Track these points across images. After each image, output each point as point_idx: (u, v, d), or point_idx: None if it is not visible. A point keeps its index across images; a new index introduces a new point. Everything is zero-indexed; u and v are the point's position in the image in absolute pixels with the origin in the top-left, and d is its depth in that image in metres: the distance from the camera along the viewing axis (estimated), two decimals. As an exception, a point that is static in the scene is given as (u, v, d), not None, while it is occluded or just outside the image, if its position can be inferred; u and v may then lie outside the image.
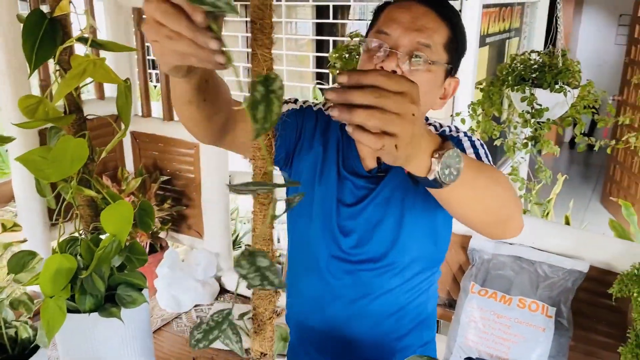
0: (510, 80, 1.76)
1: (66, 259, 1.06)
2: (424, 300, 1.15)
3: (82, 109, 1.08)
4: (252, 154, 0.75)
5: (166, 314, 2.13)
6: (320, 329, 1.15)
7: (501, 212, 0.86)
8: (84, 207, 1.13)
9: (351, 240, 1.09)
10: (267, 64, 0.71)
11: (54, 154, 1.00)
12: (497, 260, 1.73)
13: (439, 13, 0.98)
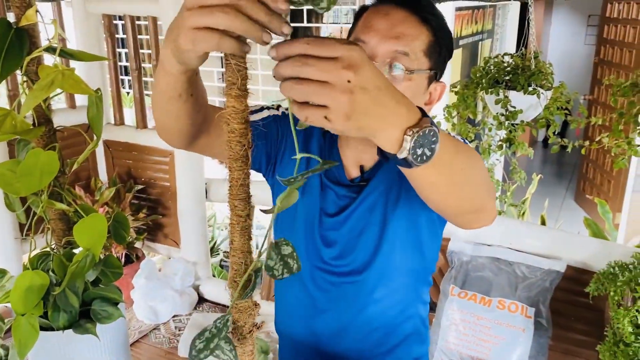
0: (484, 82, 1.77)
1: (38, 275, 1.02)
2: (412, 313, 1.11)
3: (51, 120, 1.05)
4: (229, 165, 0.73)
5: (144, 325, 2.09)
6: (307, 342, 1.12)
7: (475, 199, 0.80)
8: (56, 221, 1.10)
9: (333, 251, 1.06)
10: (241, 74, 0.69)
11: (22, 168, 0.97)
12: (476, 262, 1.74)
13: (419, 17, 0.94)
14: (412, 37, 0.93)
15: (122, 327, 1.19)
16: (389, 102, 0.59)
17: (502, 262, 1.71)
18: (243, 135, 0.72)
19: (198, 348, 0.72)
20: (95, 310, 1.10)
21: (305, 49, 0.56)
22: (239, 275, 0.79)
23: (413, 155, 0.62)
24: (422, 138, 0.62)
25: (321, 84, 0.55)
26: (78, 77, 1.00)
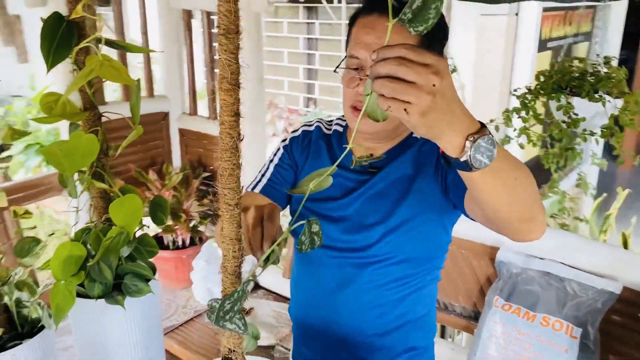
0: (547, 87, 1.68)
1: (76, 247, 1.12)
2: (411, 301, 1.15)
3: (96, 106, 1.14)
4: (220, 155, 0.77)
5: (199, 305, 2.20)
6: (309, 320, 1.21)
7: (527, 210, 0.83)
8: (97, 199, 1.20)
9: (338, 227, 1.13)
10: (231, 68, 0.73)
11: (66, 148, 1.06)
12: (526, 274, 1.66)
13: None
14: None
15: (154, 302, 1.27)
16: (457, 110, 0.68)
17: (552, 277, 1.62)
18: (233, 128, 0.75)
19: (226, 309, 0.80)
20: (127, 284, 1.18)
21: (404, 53, 0.64)
22: (228, 261, 0.83)
23: (473, 159, 0.69)
24: (482, 145, 0.69)
25: (410, 84, 0.63)
26: (120, 67, 1.08)
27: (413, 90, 0.63)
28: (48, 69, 1.05)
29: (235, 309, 0.81)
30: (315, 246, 0.81)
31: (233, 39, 0.72)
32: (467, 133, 0.69)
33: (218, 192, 0.79)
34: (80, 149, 1.07)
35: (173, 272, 2.31)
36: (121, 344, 1.21)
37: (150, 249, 1.24)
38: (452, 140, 0.69)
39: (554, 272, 1.63)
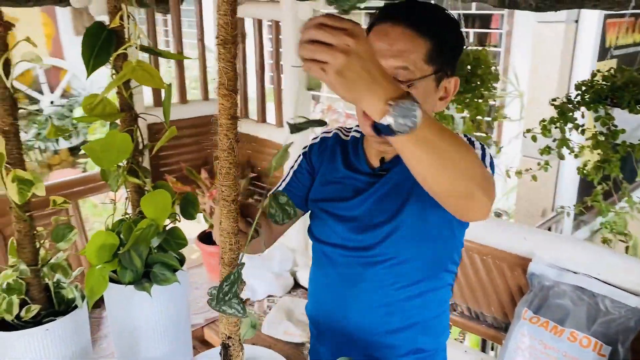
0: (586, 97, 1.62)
1: (110, 236, 1.23)
2: (419, 303, 1.16)
3: (133, 107, 1.24)
4: (218, 154, 0.84)
5: (241, 300, 2.29)
6: (321, 317, 1.25)
7: (461, 185, 0.84)
8: (132, 193, 1.30)
9: (348, 226, 1.16)
10: (228, 75, 0.79)
11: (103, 145, 1.16)
12: (559, 288, 1.63)
13: (415, 29, 1.02)
14: (409, 51, 1.02)
15: (181, 292, 1.35)
16: (376, 73, 0.72)
17: (585, 292, 1.58)
18: (230, 130, 0.82)
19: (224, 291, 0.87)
20: (155, 273, 1.28)
21: (323, 20, 0.71)
22: (225, 253, 0.89)
23: (395, 123, 0.73)
24: (403, 109, 0.72)
25: (327, 45, 0.69)
26: (154, 72, 1.17)
27: (328, 49, 0.69)
28: (88, 73, 1.16)
29: (232, 291, 0.87)
30: (291, 216, 0.88)
31: (230, 49, 0.78)
32: (389, 97, 0.73)
33: (217, 190, 0.85)
34: (115, 146, 1.17)
35: (217, 266, 2.42)
36: (149, 329, 1.30)
37: (179, 241, 1.34)
38: (373, 103, 0.73)
39: (587, 287, 1.59)
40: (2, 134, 1.04)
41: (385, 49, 1.03)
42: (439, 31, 1.05)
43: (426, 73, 1.03)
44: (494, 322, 1.82)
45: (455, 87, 1.12)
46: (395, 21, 1.05)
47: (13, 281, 1.14)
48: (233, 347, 0.93)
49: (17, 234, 1.11)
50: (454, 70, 1.11)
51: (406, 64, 1.01)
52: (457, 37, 1.09)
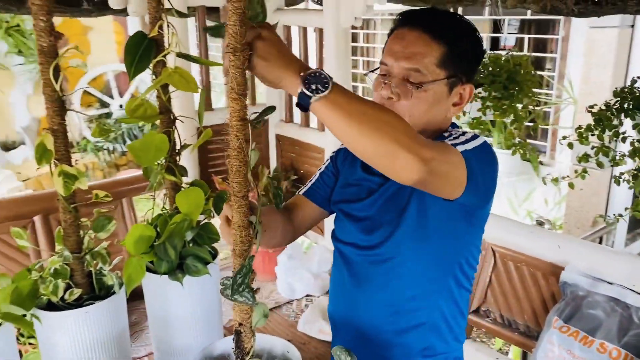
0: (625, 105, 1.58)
1: (147, 229, 1.32)
2: (428, 304, 1.18)
3: (171, 110, 1.34)
4: (229, 154, 0.91)
5: (280, 298, 2.37)
6: (337, 315, 1.30)
7: (381, 144, 0.88)
8: (170, 190, 1.39)
9: (359, 226, 1.22)
10: (237, 81, 0.86)
11: (142, 145, 1.27)
12: (592, 298, 1.60)
13: (431, 34, 1.07)
14: (423, 54, 1.07)
15: (212, 284, 1.44)
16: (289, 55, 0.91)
17: (619, 303, 1.55)
18: (239, 131, 0.89)
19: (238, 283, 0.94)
20: (188, 265, 1.36)
21: None
22: (237, 245, 0.96)
23: (308, 89, 0.86)
24: (314, 77, 0.87)
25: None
26: (189, 77, 1.25)
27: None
28: (130, 78, 1.26)
29: (245, 282, 0.94)
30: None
31: (239, 56, 0.85)
32: (302, 71, 0.88)
33: (229, 186, 0.92)
34: (153, 146, 1.26)
35: (261, 265, 2.51)
36: (182, 317, 1.39)
37: (212, 236, 1.42)
38: (290, 79, 0.88)
39: (621, 298, 1.55)
40: (51, 132, 1.15)
41: (399, 51, 1.10)
42: (454, 37, 1.09)
43: (438, 77, 1.07)
44: (527, 330, 1.81)
45: (470, 95, 1.15)
46: (412, 26, 1.11)
47: (60, 266, 1.25)
48: (244, 333, 0.99)
49: (63, 224, 1.22)
50: (470, 77, 1.14)
51: (418, 67, 1.06)
52: (473, 44, 1.12)
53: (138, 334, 2.09)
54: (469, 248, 1.19)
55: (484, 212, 1.19)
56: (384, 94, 1.11)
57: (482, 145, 1.08)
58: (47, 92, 1.13)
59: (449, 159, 0.99)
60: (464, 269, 1.20)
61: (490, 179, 1.12)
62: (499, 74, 1.89)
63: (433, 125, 1.16)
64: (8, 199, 2.25)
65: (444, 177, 0.98)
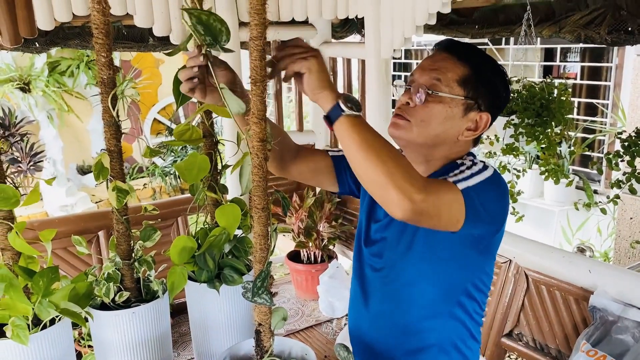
0: (653, 131, 1.59)
1: (190, 240, 1.46)
2: (438, 326, 1.22)
3: (213, 134, 1.49)
4: (252, 170, 1.03)
5: (321, 316, 2.46)
6: (352, 331, 1.36)
7: (380, 174, 0.97)
8: (210, 206, 1.54)
9: (375, 247, 1.29)
10: (257, 107, 0.99)
11: (186, 164, 1.42)
12: (622, 323, 1.61)
13: (457, 56, 1.16)
14: (446, 69, 1.16)
15: (247, 293, 1.56)
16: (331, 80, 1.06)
17: (649, 329, 1.54)
18: (260, 150, 1.02)
19: (258, 286, 1.05)
20: (225, 275, 1.50)
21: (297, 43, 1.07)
22: (257, 252, 1.08)
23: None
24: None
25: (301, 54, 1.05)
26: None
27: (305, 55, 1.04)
28: (177, 106, 1.42)
29: (264, 285, 1.05)
30: None
31: (259, 86, 0.98)
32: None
33: (250, 199, 1.04)
34: (196, 165, 1.42)
35: (304, 284, 2.62)
36: (218, 323, 1.51)
37: (247, 249, 1.55)
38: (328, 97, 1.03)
39: (651, 324, 1.55)
40: (108, 152, 1.32)
41: (426, 65, 1.19)
42: (478, 62, 1.17)
43: (456, 93, 1.15)
44: (558, 354, 1.81)
45: (486, 125, 1.19)
46: (443, 49, 1.21)
47: (112, 272, 1.42)
48: (264, 333, 1.10)
49: (116, 233, 1.39)
50: (487, 107, 1.18)
51: (440, 77, 1.15)
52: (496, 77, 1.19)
53: (187, 343, 2.24)
54: (478, 274, 1.22)
55: (494, 240, 1.21)
56: (402, 99, 1.19)
57: (488, 179, 1.11)
58: (105, 118, 1.30)
59: (442, 200, 1.03)
60: (473, 294, 1.23)
61: (495, 210, 1.14)
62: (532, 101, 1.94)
63: (444, 143, 1.20)
64: (76, 215, 2.50)
65: (435, 217, 1.03)
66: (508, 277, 1.96)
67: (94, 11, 1.23)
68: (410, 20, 2.04)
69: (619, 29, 1.79)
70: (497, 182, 1.14)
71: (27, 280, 1.29)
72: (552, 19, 2.04)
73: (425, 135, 1.18)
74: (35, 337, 1.25)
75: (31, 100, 6.68)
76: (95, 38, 1.25)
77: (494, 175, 1.14)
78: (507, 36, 2.19)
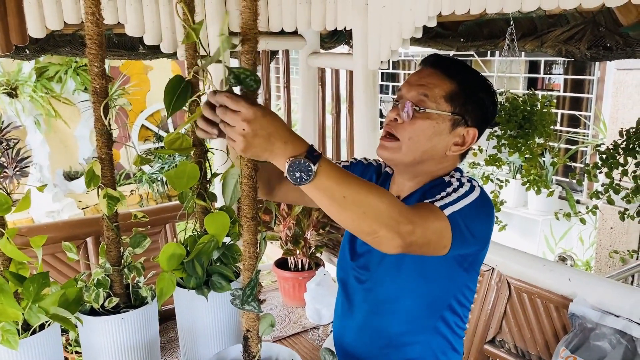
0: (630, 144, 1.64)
1: (178, 247, 1.49)
2: (420, 340, 1.25)
3: (204, 143, 1.52)
4: (242, 180, 1.06)
5: (308, 323, 2.48)
6: (336, 340, 1.38)
7: (361, 224, 0.96)
8: (200, 213, 1.57)
9: (361, 260, 1.30)
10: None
11: (176, 173, 1.44)
12: (600, 330, 1.65)
13: (443, 71, 1.18)
14: (433, 85, 1.17)
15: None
16: (277, 142, 0.92)
17: (625, 336, 1.59)
18: (250, 161, 1.04)
19: (246, 295, 1.08)
20: (213, 281, 1.52)
21: (223, 101, 0.92)
22: (246, 260, 1.11)
23: (292, 177, 0.92)
24: (297, 165, 0.91)
25: (230, 126, 0.92)
26: (219, 115, 1.44)
27: (230, 130, 0.91)
28: (168, 115, 1.45)
29: (253, 293, 1.08)
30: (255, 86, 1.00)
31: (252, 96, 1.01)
32: (288, 156, 0.92)
33: (240, 209, 1.08)
34: (186, 174, 1.44)
35: (291, 291, 2.64)
36: (206, 328, 1.54)
37: (235, 257, 1.57)
38: (278, 162, 0.93)
39: (627, 331, 1.60)
40: (100, 160, 1.34)
41: (414, 81, 1.21)
42: (465, 78, 1.19)
43: (444, 109, 1.17)
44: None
45: (473, 140, 1.21)
46: (429, 65, 1.23)
47: (102, 278, 1.43)
48: (251, 339, 1.13)
49: (106, 240, 1.41)
50: (474, 122, 1.21)
51: (427, 92, 1.16)
52: (483, 92, 1.21)
53: (174, 350, 2.25)
54: (461, 289, 1.24)
55: (478, 258, 1.23)
56: (390, 116, 1.20)
57: (474, 202, 1.13)
58: (97, 126, 1.32)
59: (430, 230, 1.04)
60: (455, 309, 1.25)
61: (480, 232, 1.15)
62: (515, 113, 1.99)
63: (432, 159, 1.21)
64: (64, 222, 2.50)
65: (425, 245, 1.05)
66: (491, 285, 2.00)
67: (88, 22, 1.25)
68: (397, 33, 2.09)
69: (598, 44, 1.86)
70: (483, 203, 1.16)
71: (17, 285, 1.31)
72: (534, 34, 2.10)
73: (413, 152, 1.19)
74: (24, 342, 1.27)
75: (18, 106, 6.64)
76: (88, 48, 1.28)
77: (480, 197, 1.15)
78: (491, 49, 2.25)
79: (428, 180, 1.26)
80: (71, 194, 7.06)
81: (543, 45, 2.00)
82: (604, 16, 1.94)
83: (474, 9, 1.77)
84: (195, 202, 1.53)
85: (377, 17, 2.17)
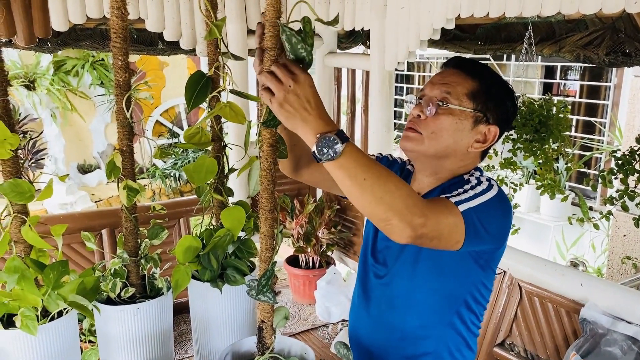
0: (646, 150, 1.64)
1: (195, 240, 1.51)
2: (435, 334, 1.26)
3: (222, 138, 1.54)
4: (261, 174, 1.08)
5: (318, 321, 2.50)
6: (352, 334, 1.40)
7: (377, 209, 0.98)
8: (216, 207, 1.59)
9: (379, 254, 1.32)
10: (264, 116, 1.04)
11: (194, 167, 1.46)
12: (611, 336, 1.65)
13: (465, 71, 1.20)
14: (456, 83, 1.20)
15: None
16: (313, 112, 0.98)
17: (637, 342, 1.59)
18: (269, 154, 1.07)
19: (262, 284, 1.10)
20: (227, 275, 1.54)
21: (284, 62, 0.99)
22: (263, 252, 1.13)
23: (319, 152, 0.95)
24: (326, 142, 0.94)
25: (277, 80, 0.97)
26: (238, 110, 1.45)
27: (275, 83, 0.95)
28: (189, 110, 1.48)
29: (268, 284, 1.10)
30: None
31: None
32: (318, 131, 0.96)
33: (259, 201, 1.09)
34: (204, 168, 1.46)
35: (301, 288, 2.66)
36: (220, 321, 1.56)
37: (250, 251, 1.59)
38: (305, 134, 0.97)
39: (639, 338, 1.60)
40: (121, 152, 1.37)
41: (437, 80, 1.23)
42: (486, 77, 1.22)
43: (466, 106, 1.19)
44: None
45: (494, 137, 1.22)
46: (452, 65, 1.25)
47: (119, 268, 1.46)
48: (266, 330, 1.14)
49: (124, 231, 1.43)
50: (496, 120, 1.22)
51: (450, 90, 1.19)
52: (504, 91, 1.23)
53: (184, 342, 2.28)
54: (477, 287, 1.25)
55: (494, 256, 1.24)
56: (414, 112, 1.22)
57: (491, 199, 1.14)
58: (119, 119, 1.35)
59: (442, 224, 1.05)
60: (471, 306, 1.26)
61: (496, 230, 1.16)
62: (531, 117, 1.99)
63: (454, 155, 1.23)
64: (80, 213, 2.54)
65: (436, 238, 1.05)
66: (502, 288, 2.01)
67: (113, 16, 1.28)
68: (414, 35, 2.10)
69: (617, 50, 1.85)
70: (500, 202, 1.17)
71: (37, 272, 1.33)
72: (552, 38, 2.10)
73: (436, 146, 1.21)
74: (43, 328, 1.29)
75: (35, 98, 6.73)
76: (113, 42, 1.30)
77: (498, 195, 1.16)
78: (509, 53, 2.25)
79: (448, 178, 1.27)
80: (84, 187, 7.14)
81: (561, 50, 2.00)
82: (624, 22, 1.93)
83: (493, 12, 1.77)
84: (212, 196, 1.55)
85: (395, 18, 2.18)
